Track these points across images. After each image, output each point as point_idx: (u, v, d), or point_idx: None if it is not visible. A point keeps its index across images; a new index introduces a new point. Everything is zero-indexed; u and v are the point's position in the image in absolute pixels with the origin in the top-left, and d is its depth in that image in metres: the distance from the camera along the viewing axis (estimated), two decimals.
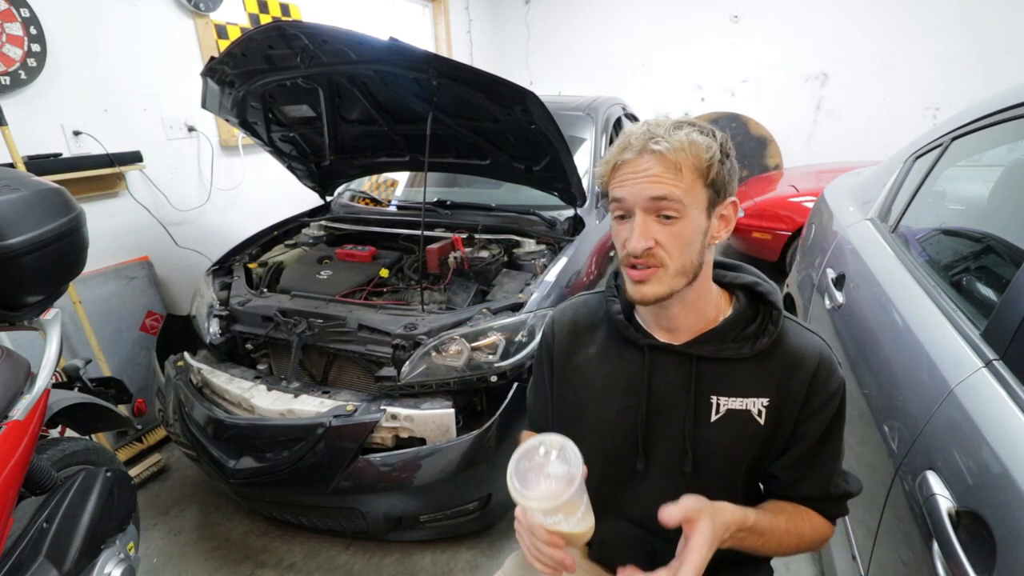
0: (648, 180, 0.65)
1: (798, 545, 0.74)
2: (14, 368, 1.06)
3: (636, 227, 0.67)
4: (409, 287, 1.85)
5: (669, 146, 0.64)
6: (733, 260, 0.82)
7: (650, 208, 0.67)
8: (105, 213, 2.08)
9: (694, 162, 0.65)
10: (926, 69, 3.98)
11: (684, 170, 0.65)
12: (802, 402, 0.72)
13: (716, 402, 0.74)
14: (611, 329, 0.82)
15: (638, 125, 0.70)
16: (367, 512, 1.49)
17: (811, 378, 0.71)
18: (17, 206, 1.07)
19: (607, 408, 0.80)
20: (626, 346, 0.79)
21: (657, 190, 0.65)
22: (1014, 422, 0.67)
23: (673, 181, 0.65)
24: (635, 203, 0.67)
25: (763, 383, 0.73)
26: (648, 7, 4.66)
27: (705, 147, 0.65)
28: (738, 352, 0.73)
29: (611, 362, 0.81)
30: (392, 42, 1.43)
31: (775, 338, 0.73)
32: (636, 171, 0.66)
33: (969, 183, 1.47)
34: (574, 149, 2.35)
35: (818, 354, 0.72)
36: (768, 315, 0.74)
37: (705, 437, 0.75)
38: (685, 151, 0.65)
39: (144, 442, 2.13)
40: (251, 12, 2.64)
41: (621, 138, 0.70)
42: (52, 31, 1.84)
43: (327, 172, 2.36)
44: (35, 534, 1.04)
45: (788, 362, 0.72)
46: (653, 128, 0.67)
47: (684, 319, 0.74)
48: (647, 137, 0.66)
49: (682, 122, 0.68)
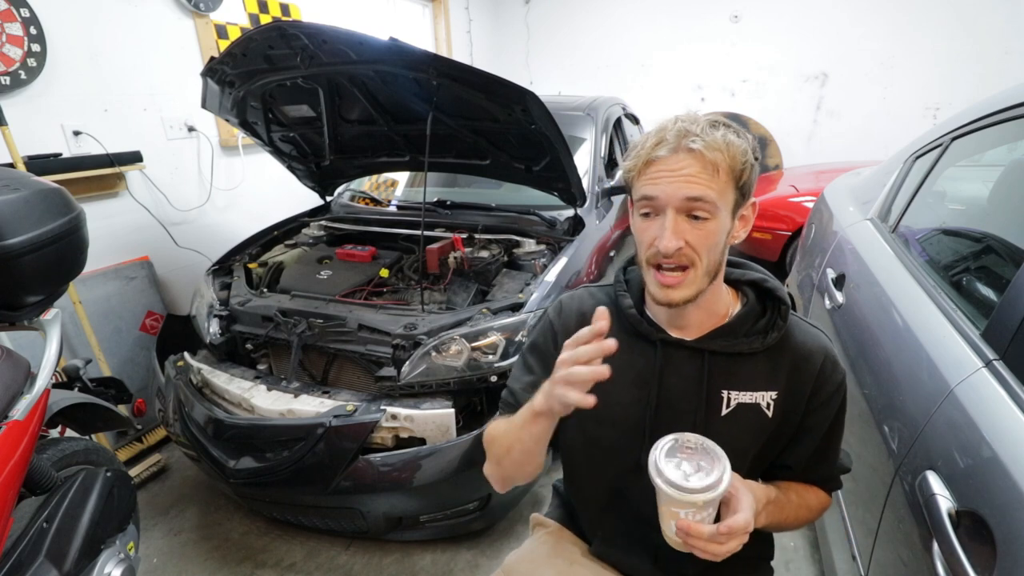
0: (684, 179, 0.64)
1: (807, 518, 0.78)
2: (14, 368, 1.06)
3: (668, 226, 0.66)
4: (409, 287, 1.85)
5: (707, 145, 0.63)
6: (737, 258, 0.83)
7: (683, 208, 0.65)
8: (105, 213, 2.08)
9: (730, 164, 0.64)
10: (926, 69, 3.97)
11: (721, 172, 0.64)
12: (809, 394, 0.74)
13: (727, 396, 0.75)
14: (621, 322, 0.81)
15: (669, 120, 0.68)
16: (367, 512, 1.49)
17: (819, 371, 0.73)
18: (17, 206, 1.07)
19: (614, 401, 0.79)
20: (636, 340, 0.79)
21: (693, 190, 0.64)
22: (1014, 422, 0.67)
23: (709, 182, 0.64)
24: (668, 202, 0.65)
25: (772, 377, 0.74)
26: (648, 7, 4.65)
27: (741, 150, 0.65)
28: (749, 347, 0.74)
29: (620, 355, 0.78)
30: (392, 42, 1.43)
31: (783, 332, 0.74)
32: (672, 169, 0.65)
33: (969, 183, 1.47)
34: (574, 149, 2.35)
35: (824, 348, 0.75)
36: (777, 310, 0.75)
37: (716, 431, 0.74)
38: (723, 152, 0.64)
39: (144, 442, 2.13)
40: (251, 12, 2.64)
41: (654, 133, 0.67)
42: (52, 31, 1.84)
43: (327, 172, 2.36)
44: (35, 534, 1.04)
45: (796, 356, 0.74)
46: (688, 125, 0.65)
47: (697, 316, 0.75)
48: (683, 134, 0.64)
49: (717, 121, 0.67)
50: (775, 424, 0.75)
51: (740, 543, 0.61)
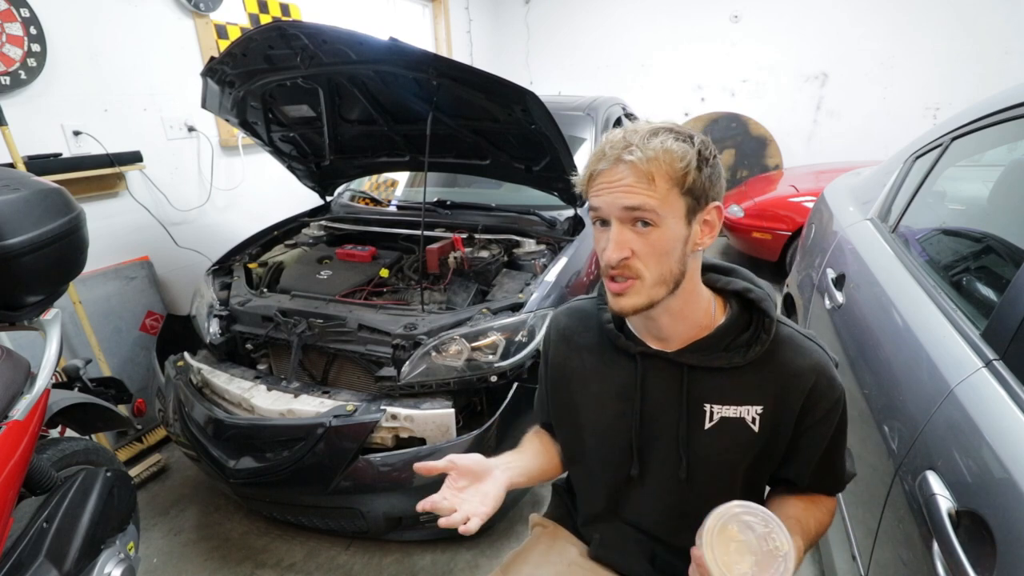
0: (622, 190, 0.65)
1: (821, 531, 0.78)
2: (14, 368, 1.06)
3: (612, 237, 0.67)
4: (409, 287, 1.85)
5: (642, 155, 0.63)
6: (728, 264, 0.81)
7: (625, 217, 0.66)
8: (105, 213, 2.08)
9: (668, 171, 0.64)
10: (926, 69, 3.98)
11: (658, 179, 0.64)
12: (800, 413, 0.72)
13: (709, 410, 0.74)
14: (603, 336, 0.82)
15: (616, 132, 0.69)
16: (367, 512, 1.49)
17: (809, 390, 0.71)
18: (17, 206, 1.07)
19: (602, 414, 0.81)
20: (618, 353, 0.80)
21: (630, 200, 0.64)
22: (1014, 422, 0.67)
23: (646, 191, 0.64)
24: (610, 212, 0.67)
25: (757, 392, 0.72)
26: (648, 7, 4.66)
27: (680, 155, 0.64)
28: (729, 361, 0.72)
29: (604, 369, 0.81)
30: (392, 42, 1.43)
31: (769, 346, 0.72)
32: (610, 181, 0.66)
33: (969, 183, 1.47)
34: (574, 149, 2.34)
35: (816, 365, 0.71)
36: (760, 323, 0.73)
37: (699, 444, 0.75)
38: (659, 160, 0.63)
39: (144, 442, 2.13)
40: (251, 12, 2.64)
41: (598, 147, 0.69)
42: (52, 31, 1.84)
43: (327, 172, 2.36)
44: (35, 534, 1.04)
45: (784, 372, 0.71)
46: (629, 136, 0.66)
47: (673, 328, 0.74)
48: (622, 146, 0.65)
49: (659, 128, 0.66)
50: (763, 439, 0.73)
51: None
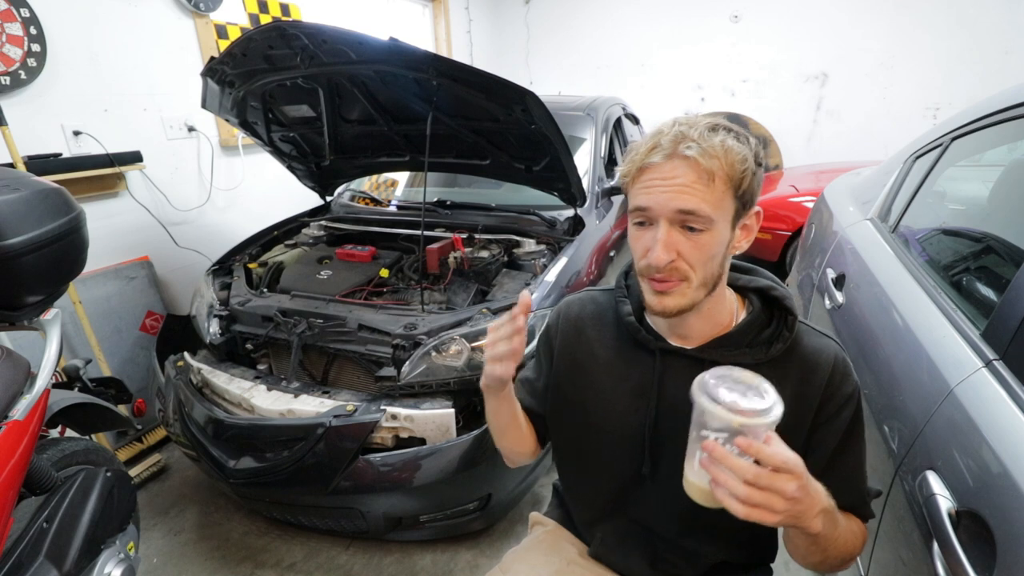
0: (677, 189, 0.60)
1: (853, 546, 0.68)
2: (14, 368, 1.06)
3: (660, 239, 0.63)
4: (409, 287, 1.85)
5: (703, 152, 0.59)
6: (746, 263, 0.80)
7: (675, 220, 0.62)
8: (105, 213, 2.08)
9: (728, 172, 0.60)
10: (926, 69, 3.97)
11: (717, 180, 0.60)
12: (817, 407, 0.69)
13: None
14: (620, 330, 0.79)
15: (667, 123, 0.64)
16: (367, 512, 1.49)
17: (826, 383, 0.69)
18: (17, 206, 1.07)
19: (613, 410, 0.78)
20: (636, 348, 0.77)
21: (686, 203, 0.60)
22: (1014, 422, 0.67)
23: (704, 192, 0.60)
24: (661, 213, 0.62)
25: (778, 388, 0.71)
26: (648, 7, 4.65)
27: (741, 157, 0.60)
28: (752, 358, 0.70)
29: (620, 364, 0.78)
30: (392, 42, 1.43)
31: (789, 343, 0.71)
32: (665, 177, 0.61)
33: (969, 183, 1.46)
34: (574, 149, 2.35)
35: (832, 358, 0.70)
36: (783, 320, 0.72)
37: None
38: (720, 159, 0.60)
39: (144, 442, 2.13)
40: (251, 12, 2.64)
41: (649, 137, 0.64)
42: (52, 31, 1.84)
43: (327, 172, 2.36)
44: (35, 534, 1.04)
45: (803, 367, 0.70)
46: (686, 129, 0.61)
47: (698, 325, 0.73)
48: (679, 139, 0.61)
49: (718, 124, 0.63)
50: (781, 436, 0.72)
51: (784, 500, 0.52)
